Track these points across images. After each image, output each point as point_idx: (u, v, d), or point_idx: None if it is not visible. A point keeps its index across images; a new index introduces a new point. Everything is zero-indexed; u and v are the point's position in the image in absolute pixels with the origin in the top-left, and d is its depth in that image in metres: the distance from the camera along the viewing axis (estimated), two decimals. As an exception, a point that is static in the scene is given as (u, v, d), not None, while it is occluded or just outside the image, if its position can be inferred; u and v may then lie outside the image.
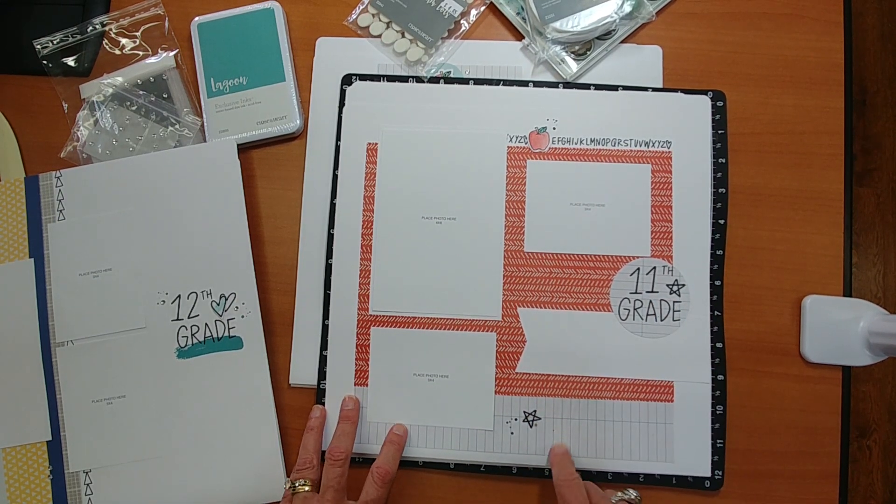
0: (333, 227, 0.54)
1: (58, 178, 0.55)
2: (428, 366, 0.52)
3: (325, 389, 0.53)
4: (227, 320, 0.53)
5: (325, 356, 0.53)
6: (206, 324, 0.53)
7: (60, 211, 0.54)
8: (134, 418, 0.52)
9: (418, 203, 0.54)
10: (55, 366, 0.53)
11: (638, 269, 0.53)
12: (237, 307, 0.53)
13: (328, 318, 0.53)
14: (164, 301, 0.53)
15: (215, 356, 0.52)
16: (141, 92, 0.57)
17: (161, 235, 0.54)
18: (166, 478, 0.51)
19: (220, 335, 0.53)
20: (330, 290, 0.53)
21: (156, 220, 0.54)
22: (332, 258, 0.54)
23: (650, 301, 0.53)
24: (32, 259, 0.54)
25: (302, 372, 0.54)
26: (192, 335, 0.53)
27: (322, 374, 0.53)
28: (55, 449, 0.52)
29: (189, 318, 0.53)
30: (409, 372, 0.52)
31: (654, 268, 0.53)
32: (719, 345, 0.53)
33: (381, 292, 0.53)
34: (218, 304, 0.53)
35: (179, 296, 0.53)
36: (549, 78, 0.57)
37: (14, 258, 0.54)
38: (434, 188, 0.54)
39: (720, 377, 0.52)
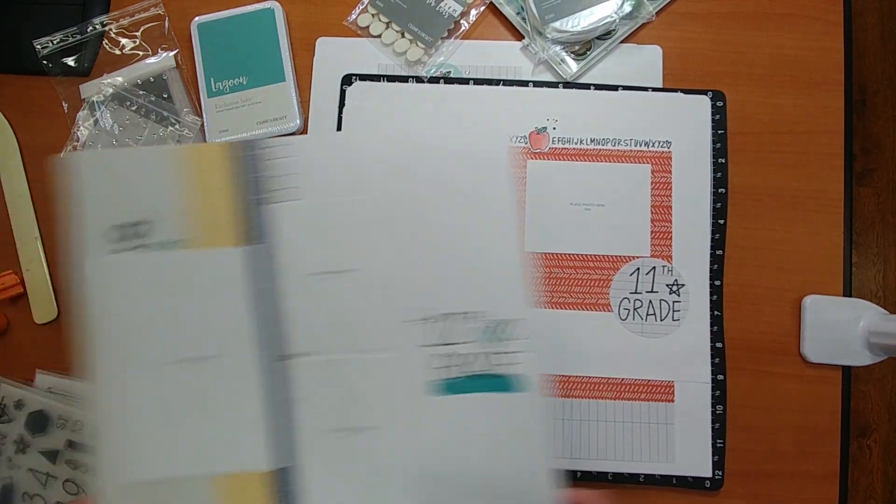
0: None
1: (287, 146, 0.42)
2: None
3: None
4: (496, 352, 0.41)
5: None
6: (470, 353, 0.41)
7: (285, 191, 0.41)
8: (387, 456, 0.40)
9: None
10: (285, 380, 0.41)
11: (638, 269, 0.53)
12: (508, 338, 0.41)
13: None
14: (420, 319, 0.41)
15: (480, 397, 0.41)
16: (141, 92, 0.57)
17: (419, 238, 0.42)
18: None
19: (486, 371, 0.41)
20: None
21: (413, 218, 0.42)
22: None
23: (650, 301, 0.53)
24: (245, 247, 0.41)
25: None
26: (454, 365, 0.41)
27: None
28: (286, 481, 0.40)
29: (450, 344, 0.41)
30: None
31: (654, 268, 0.53)
32: (719, 345, 0.53)
33: None
34: (487, 331, 0.41)
35: (439, 316, 0.41)
36: (549, 78, 0.57)
37: (219, 244, 0.41)
38: None
39: (720, 377, 0.52)
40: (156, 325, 0.41)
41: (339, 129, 0.56)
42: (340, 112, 0.56)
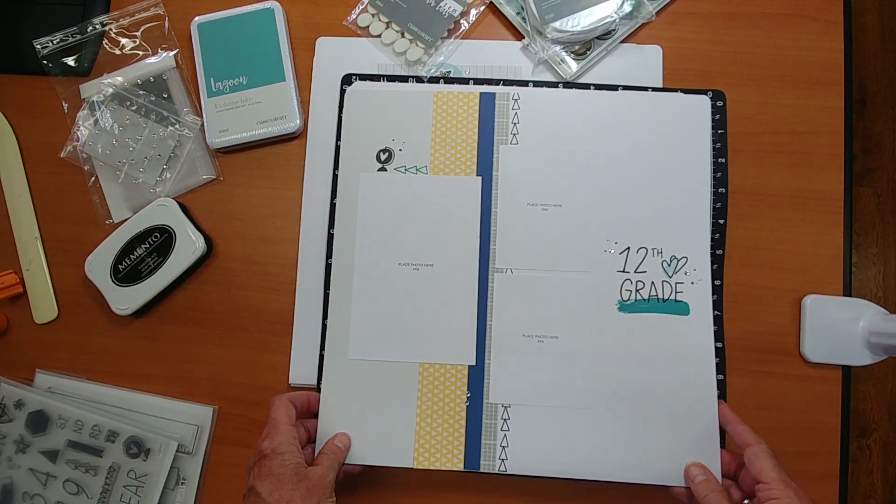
0: (333, 227, 0.54)
1: (516, 99, 0.53)
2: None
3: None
4: (676, 283, 0.50)
5: (325, 356, 0.53)
6: (653, 282, 0.50)
7: (514, 135, 0.52)
8: (565, 363, 0.50)
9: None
10: (490, 291, 0.51)
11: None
12: (687, 272, 0.50)
13: (328, 318, 0.53)
14: (612, 250, 0.51)
15: (658, 317, 0.50)
16: (141, 92, 0.57)
17: (619, 181, 0.52)
18: (588, 433, 0.49)
19: (666, 297, 0.50)
20: (330, 289, 0.53)
21: (615, 164, 0.52)
22: (332, 258, 0.54)
23: (650, 301, 0.53)
24: (480, 177, 0.52)
25: (302, 371, 0.54)
26: (637, 290, 0.50)
27: (321, 374, 0.53)
28: (477, 376, 0.50)
29: (636, 272, 0.50)
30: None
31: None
32: (719, 345, 0.53)
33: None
34: (669, 265, 0.50)
35: (629, 248, 0.51)
36: (549, 78, 0.56)
37: (461, 173, 0.52)
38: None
39: (720, 377, 0.52)
40: (400, 233, 0.52)
41: (339, 128, 0.56)
42: (340, 112, 0.56)
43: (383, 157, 0.53)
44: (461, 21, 0.57)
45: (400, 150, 0.53)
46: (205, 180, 0.57)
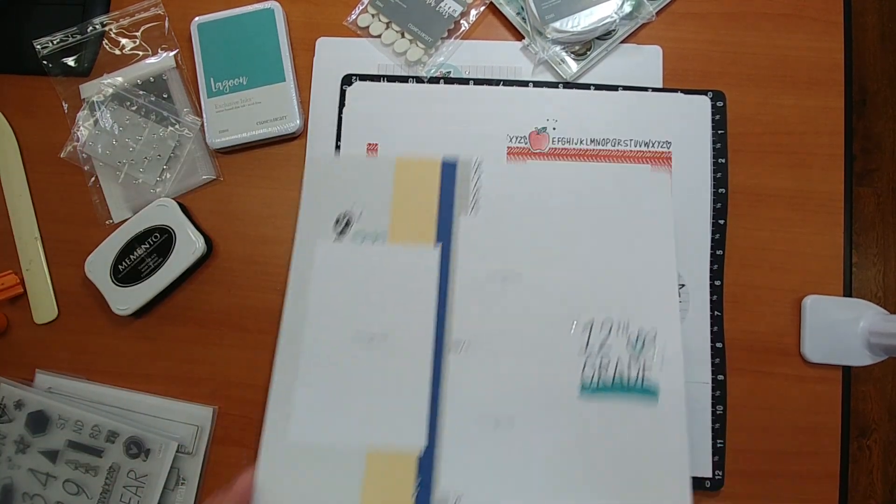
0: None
1: (478, 166, 0.51)
2: None
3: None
4: (644, 362, 0.46)
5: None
6: (620, 358, 0.46)
7: (475, 202, 0.50)
8: (522, 450, 0.45)
9: None
10: (445, 366, 0.47)
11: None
12: (657, 348, 0.46)
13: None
14: (574, 324, 0.47)
15: (624, 403, 0.45)
16: (141, 92, 0.57)
17: (582, 251, 0.49)
18: None
19: (633, 378, 0.45)
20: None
21: (579, 224, 0.50)
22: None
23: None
24: (440, 244, 0.49)
25: (302, 372, 0.54)
26: (602, 368, 0.46)
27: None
28: (427, 462, 0.45)
29: (600, 348, 0.46)
30: None
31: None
32: (719, 345, 0.53)
33: None
34: (637, 339, 0.46)
35: (592, 321, 0.47)
36: (549, 78, 0.57)
37: (420, 240, 0.50)
38: None
39: (720, 377, 0.52)
40: (354, 304, 0.49)
41: (339, 129, 0.56)
42: (340, 112, 0.56)
43: (343, 221, 0.51)
44: (461, 21, 0.57)
45: (360, 213, 0.50)
46: (205, 180, 0.57)
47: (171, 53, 0.58)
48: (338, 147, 0.55)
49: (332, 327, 0.48)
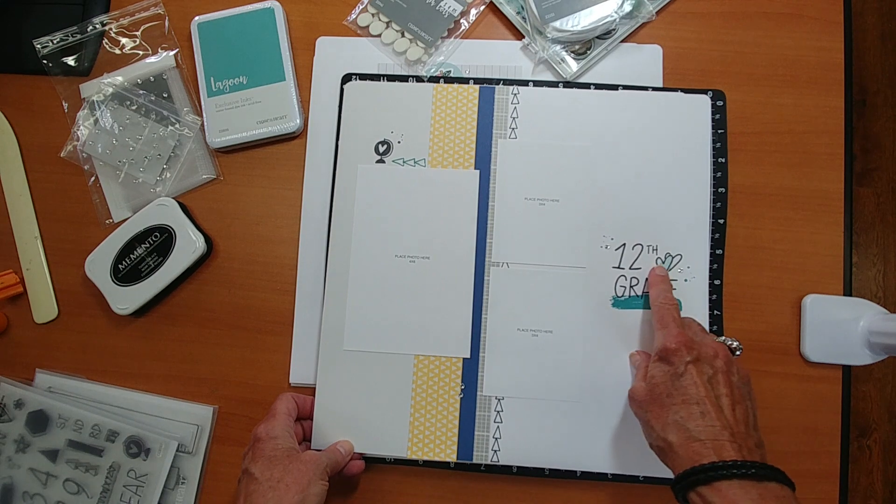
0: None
1: (515, 94, 0.53)
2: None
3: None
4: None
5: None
6: (648, 278, 0.51)
7: (513, 129, 0.53)
8: (558, 357, 0.51)
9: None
10: (486, 285, 0.52)
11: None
12: (681, 269, 0.51)
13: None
14: (607, 246, 0.52)
15: (651, 313, 0.50)
16: (141, 91, 0.57)
17: (617, 178, 0.52)
18: (581, 426, 0.50)
19: None
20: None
21: (613, 161, 0.53)
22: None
23: (650, 300, 0.53)
24: (478, 171, 0.53)
25: (302, 371, 0.54)
26: (631, 287, 0.51)
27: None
28: (471, 369, 0.51)
29: (631, 268, 0.51)
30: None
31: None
32: (719, 344, 0.53)
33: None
34: (664, 262, 0.51)
35: (624, 244, 0.51)
36: (549, 77, 0.56)
37: (459, 166, 0.53)
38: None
39: (720, 377, 0.52)
40: (397, 225, 0.53)
41: (338, 128, 0.56)
42: (340, 111, 0.56)
43: (382, 149, 0.53)
44: (461, 21, 0.57)
45: (398, 142, 0.54)
46: (205, 180, 0.57)
47: (172, 53, 0.58)
48: (338, 146, 0.55)
49: (377, 246, 0.53)
